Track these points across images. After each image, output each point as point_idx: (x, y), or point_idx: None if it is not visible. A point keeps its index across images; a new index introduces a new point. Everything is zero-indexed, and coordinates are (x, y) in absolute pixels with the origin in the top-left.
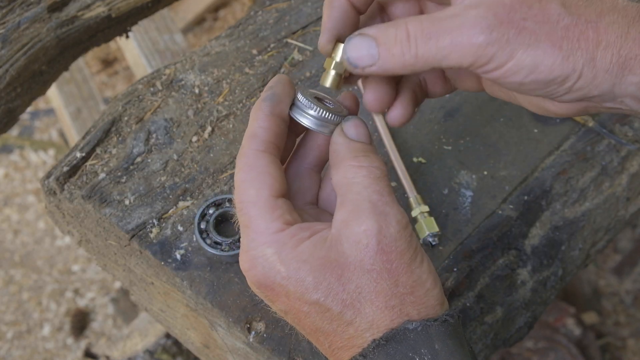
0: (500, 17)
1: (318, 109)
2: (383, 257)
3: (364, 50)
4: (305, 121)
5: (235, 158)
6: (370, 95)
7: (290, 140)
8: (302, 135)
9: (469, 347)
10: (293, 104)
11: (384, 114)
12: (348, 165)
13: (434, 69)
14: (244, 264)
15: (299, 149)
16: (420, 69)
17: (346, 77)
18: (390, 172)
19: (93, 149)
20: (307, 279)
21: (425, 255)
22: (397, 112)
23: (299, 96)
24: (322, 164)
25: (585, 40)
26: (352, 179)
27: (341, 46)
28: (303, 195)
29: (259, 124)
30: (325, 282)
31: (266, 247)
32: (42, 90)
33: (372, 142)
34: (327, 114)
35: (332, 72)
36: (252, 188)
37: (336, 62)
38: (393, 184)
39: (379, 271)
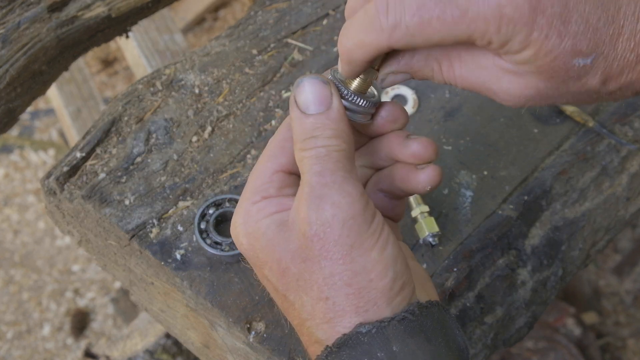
0: (534, 99)
1: (345, 90)
2: (318, 244)
3: (399, 80)
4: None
5: (235, 158)
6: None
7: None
8: None
9: (457, 332)
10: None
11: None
12: (297, 148)
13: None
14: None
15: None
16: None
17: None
18: None
19: (93, 149)
20: (259, 255)
21: (383, 241)
22: None
23: (330, 72)
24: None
25: (621, 97)
26: (300, 161)
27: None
28: None
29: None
30: (269, 264)
31: (238, 215)
32: (42, 90)
33: (333, 103)
34: (357, 99)
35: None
36: (264, 157)
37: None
38: None
39: (315, 259)
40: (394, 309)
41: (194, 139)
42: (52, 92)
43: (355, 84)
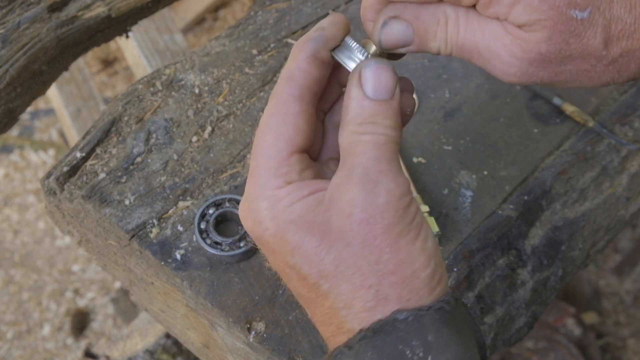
0: (535, 64)
1: (367, 53)
2: (366, 229)
3: (399, 36)
4: (352, 65)
5: (235, 158)
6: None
7: (335, 90)
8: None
9: (476, 328)
10: (339, 46)
11: None
12: (352, 129)
13: None
14: (240, 211)
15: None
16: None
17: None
18: None
19: (93, 149)
20: (290, 240)
21: (425, 232)
22: None
23: (348, 38)
24: None
25: (626, 71)
26: (353, 143)
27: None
28: (328, 149)
29: (298, 65)
30: (304, 248)
31: (261, 200)
32: (42, 90)
33: (396, 94)
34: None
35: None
36: (270, 135)
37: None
38: None
39: (360, 245)
40: (434, 299)
41: (194, 139)
42: (52, 92)
43: (373, 48)
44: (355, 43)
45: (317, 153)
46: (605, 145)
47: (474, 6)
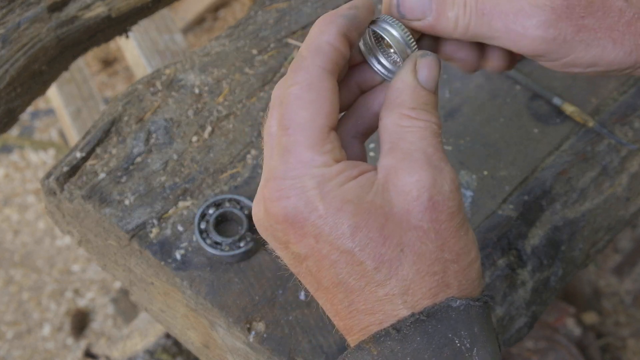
0: (559, 12)
1: (405, 33)
2: (433, 214)
3: (419, 1)
4: (394, 34)
5: (235, 158)
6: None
7: (351, 93)
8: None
9: (495, 330)
10: (375, 21)
11: None
12: (405, 113)
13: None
14: (272, 192)
15: (349, 112)
16: (469, 40)
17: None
18: None
19: (93, 149)
20: (347, 222)
21: (471, 227)
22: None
23: (384, 15)
24: (370, 134)
25: None
26: (407, 127)
27: None
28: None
29: (327, 39)
30: (365, 230)
31: (308, 178)
32: (42, 90)
33: (437, 92)
34: (412, 39)
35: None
36: (306, 110)
37: None
38: None
39: (427, 230)
40: (481, 290)
41: (194, 139)
42: (52, 92)
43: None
44: (391, 20)
45: None
46: (605, 145)
47: None
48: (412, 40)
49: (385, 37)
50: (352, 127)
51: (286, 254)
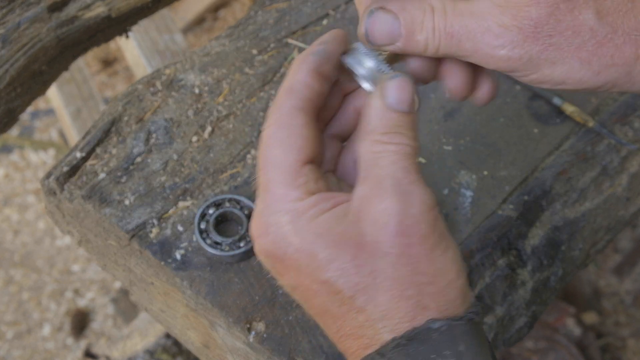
0: (526, 32)
1: (378, 61)
2: (403, 239)
3: (385, 27)
4: (361, 71)
5: (235, 158)
6: (452, 82)
7: (333, 102)
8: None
9: (488, 342)
10: (349, 51)
11: None
12: (376, 139)
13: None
14: (255, 229)
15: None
16: (442, 57)
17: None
18: None
19: (93, 149)
20: (321, 254)
21: (451, 242)
22: (485, 91)
23: (358, 44)
24: (350, 134)
25: (621, 56)
26: (378, 153)
27: None
28: (326, 163)
29: (299, 78)
30: (339, 261)
31: (282, 214)
32: (42, 90)
33: (415, 107)
34: (381, 66)
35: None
36: (279, 148)
37: None
38: None
39: (398, 255)
40: (465, 308)
41: (194, 139)
42: (52, 92)
43: (384, 54)
44: (365, 48)
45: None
46: (605, 145)
47: None
48: (382, 66)
49: (353, 71)
50: (331, 127)
51: (281, 284)
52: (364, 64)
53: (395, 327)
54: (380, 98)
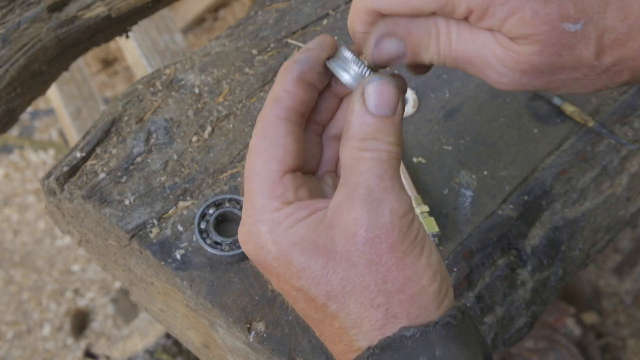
0: (528, 74)
1: (363, 65)
2: (372, 249)
3: (392, 51)
4: (345, 77)
5: (235, 158)
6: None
7: (331, 103)
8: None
9: (481, 340)
10: (333, 57)
11: None
12: (354, 145)
13: None
14: (240, 237)
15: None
16: None
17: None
18: None
19: (93, 149)
20: (295, 262)
21: (428, 247)
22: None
23: (343, 49)
24: None
25: (619, 80)
26: (356, 160)
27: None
28: (325, 164)
29: (284, 87)
30: (310, 269)
31: (261, 224)
32: (42, 90)
33: (397, 109)
34: (371, 73)
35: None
36: (260, 158)
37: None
38: None
39: (366, 264)
40: (442, 313)
41: (194, 139)
42: (52, 92)
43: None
44: (350, 54)
45: (315, 168)
46: (605, 145)
47: (466, 19)
48: (366, 71)
49: (337, 77)
50: (330, 129)
51: (273, 287)
52: (349, 70)
53: (367, 334)
54: (358, 103)
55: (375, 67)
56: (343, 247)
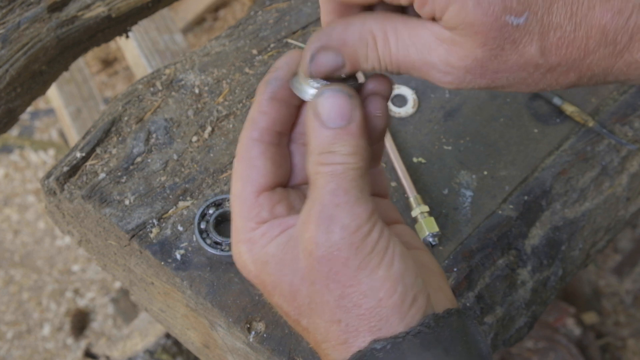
0: (472, 72)
1: (318, 83)
2: (326, 267)
3: (328, 64)
4: (303, 94)
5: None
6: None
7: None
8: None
9: (476, 340)
10: (296, 74)
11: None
12: (313, 160)
13: None
14: (232, 254)
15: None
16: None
17: None
18: (390, 172)
19: (93, 149)
20: (267, 281)
21: (389, 257)
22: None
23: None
24: None
25: (565, 80)
26: (315, 175)
27: None
28: (303, 172)
29: (258, 108)
30: (280, 287)
31: (242, 244)
32: (42, 90)
33: (353, 117)
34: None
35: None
36: (239, 181)
37: None
38: (393, 184)
39: (324, 282)
40: (408, 323)
41: (194, 139)
42: (52, 92)
43: None
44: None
45: (304, 179)
46: (605, 145)
47: (403, 11)
48: (319, 85)
49: (297, 95)
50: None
51: None
52: (305, 86)
53: (335, 349)
54: (311, 116)
55: (333, 79)
56: (304, 265)
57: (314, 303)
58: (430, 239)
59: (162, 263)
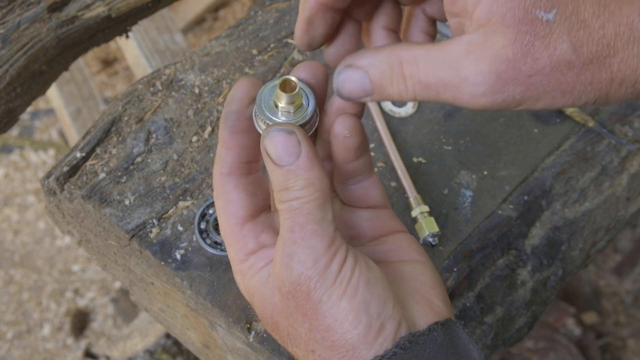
0: (505, 78)
1: (273, 114)
2: (293, 302)
3: (356, 85)
4: (259, 130)
5: None
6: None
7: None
8: None
9: (471, 348)
10: (254, 105)
11: (382, 112)
12: (275, 197)
13: None
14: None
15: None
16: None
17: None
18: (390, 172)
19: (93, 149)
20: (256, 310)
21: (353, 286)
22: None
23: (258, 94)
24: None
25: (598, 82)
26: (279, 211)
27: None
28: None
29: (222, 144)
30: (264, 318)
31: (237, 274)
32: (42, 90)
33: (301, 150)
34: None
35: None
36: (222, 217)
37: None
38: (393, 184)
39: (294, 316)
40: (377, 351)
41: (194, 139)
42: (52, 92)
43: (282, 103)
44: (265, 97)
45: None
46: (605, 145)
47: (432, 38)
48: (265, 124)
49: (257, 127)
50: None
51: None
52: (261, 125)
53: None
54: (266, 157)
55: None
56: (278, 300)
57: (291, 335)
58: (430, 239)
59: (162, 263)
